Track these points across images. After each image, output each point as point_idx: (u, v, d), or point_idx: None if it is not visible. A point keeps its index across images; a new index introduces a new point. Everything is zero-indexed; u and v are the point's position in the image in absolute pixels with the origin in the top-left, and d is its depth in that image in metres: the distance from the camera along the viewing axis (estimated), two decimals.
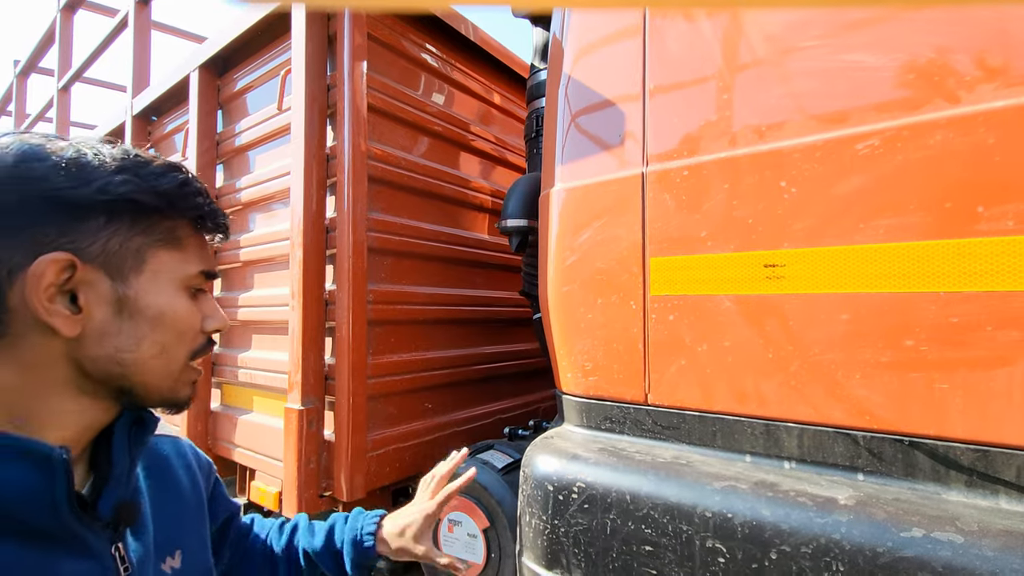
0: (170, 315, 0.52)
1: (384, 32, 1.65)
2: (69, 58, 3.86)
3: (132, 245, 0.50)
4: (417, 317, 1.74)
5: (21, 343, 0.46)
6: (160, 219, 0.52)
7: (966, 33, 0.69)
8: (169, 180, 0.51)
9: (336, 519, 0.84)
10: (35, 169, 0.45)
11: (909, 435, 0.72)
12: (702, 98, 0.92)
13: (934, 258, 0.70)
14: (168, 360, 0.53)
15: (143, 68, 2.73)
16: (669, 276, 0.93)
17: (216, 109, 2.11)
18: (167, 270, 0.53)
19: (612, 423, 1.02)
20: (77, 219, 0.47)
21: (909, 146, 0.71)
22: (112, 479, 0.52)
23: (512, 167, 2.23)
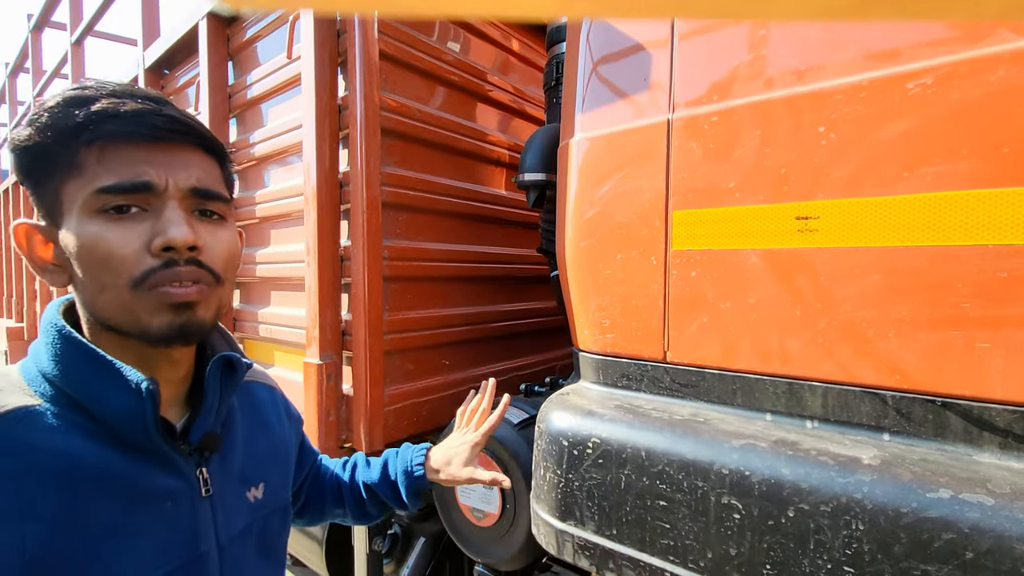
0: (83, 246, 0.50)
1: None
2: (80, 10, 3.80)
3: (50, 188, 0.51)
4: (433, 274, 1.73)
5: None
6: (61, 151, 0.50)
7: None
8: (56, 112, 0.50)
9: (388, 454, 0.94)
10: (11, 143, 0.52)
11: (943, 395, 0.69)
12: (736, 38, 0.85)
13: (985, 208, 0.64)
14: (111, 293, 0.50)
15: (152, 18, 2.67)
16: (693, 230, 0.89)
17: (226, 60, 2.05)
18: (72, 199, 0.50)
19: (629, 380, 1.01)
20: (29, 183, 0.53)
21: (966, 84, 0.65)
22: (203, 412, 0.59)
23: (531, 119, 2.15)
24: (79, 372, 0.52)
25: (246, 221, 2.02)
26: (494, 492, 1.32)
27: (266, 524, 0.68)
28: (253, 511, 0.65)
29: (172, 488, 0.55)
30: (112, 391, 0.51)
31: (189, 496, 0.57)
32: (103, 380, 0.51)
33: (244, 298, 2.07)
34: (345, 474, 0.94)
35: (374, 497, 0.91)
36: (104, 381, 0.51)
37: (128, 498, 0.52)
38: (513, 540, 1.27)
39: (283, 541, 0.73)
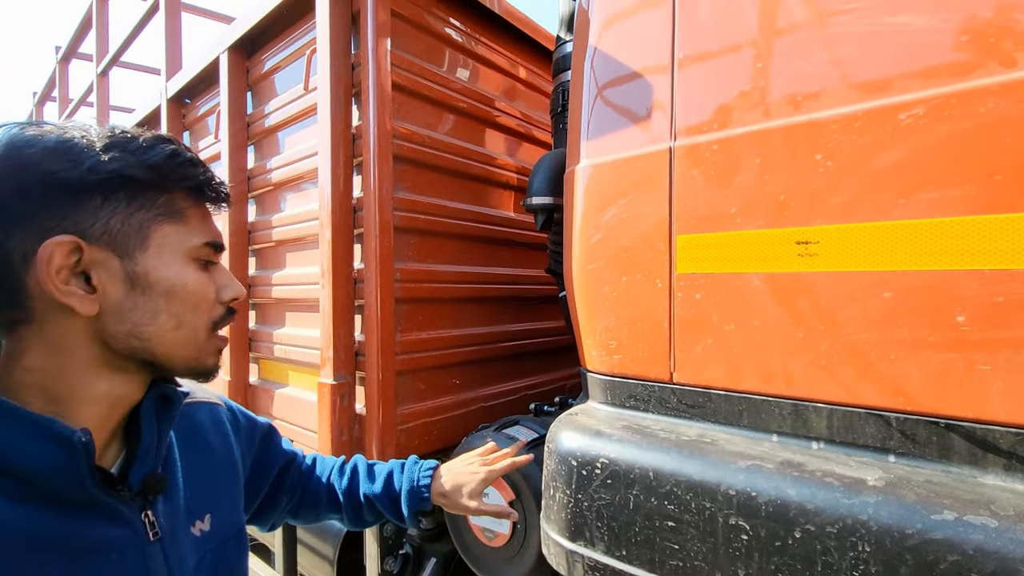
0: (181, 288, 0.54)
1: (407, 7, 1.63)
2: (106, 43, 3.97)
3: (133, 222, 0.51)
4: (444, 295, 1.77)
5: (46, 326, 0.48)
6: (156, 193, 0.53)
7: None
8: (157, 153, 0.51)
9: (393, 466, 0.92)
10: (26, 155, 0.46)
11: (946, 417, 0.70)
12: (734, 68, 0.88)
13: (980, 234, 0.66)
14: (188, 331, 0.55)
15: (175, 51, 2.79)
16: (696, 254, 0.92)
17: (246, 90, 2.14)
18: (171, 243, 0.53)
19: (636, 401, 1.02)
20: (75, 201, 0.48)
21: (957, 115, 0.67)
22: (140, 454, 0.55)
23: (538, 143, 2.20)
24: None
25: (263, 244, 2.08)
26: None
27: (220, 554, 0.65)
28: (202, 544, 0.62)
29: (116, 538, 0.51)
30: (36, 445, 0.46)
31: (136, 543, 0.53)
32: (22, 435, 0.46)
33: (260, 319, 2.12)
34: (343, 478, 0.91)
35: (372, 508, 0.90)
36: (23, 436, 0.46)
37: (69, 558, 0.47)
38: (524, 560, 1.27)
39: (242, 566, 0.69)
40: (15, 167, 0.46)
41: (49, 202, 0.47)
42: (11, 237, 0.46)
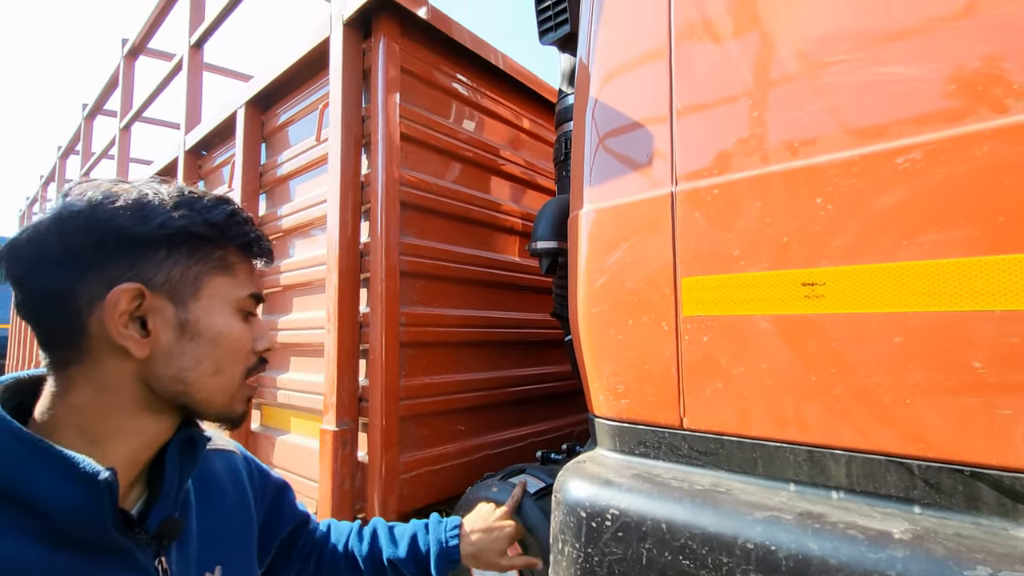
0: (226, 335, 0.58)
1: (416, 64, 1.71)
2: (130, 100, 4.17)
3: (191, 273, 0.56)
4: (449, 339, 1.76)
5: (98, 366, 0.51)
6: (213, 248, 0.58)
7: (1009, 40, 0.67)
8: (219, 212, 0.57)
9: (416, 528, 0.90)
10: (105, 211, 0.51)
11: (969, 464, 0.67)
12: (731, 116, 0.91)
13: (988, 274, 0.66)
14: (225, 378, 0.58)
15: (195, 107, 2.92)
16: (702, 296, 0.91)
17: (260, 142, 2.22)
18: (221, 294, 0.58)
19: (646, 448, 0.99)
20: (143, 253, 0.53)
21: (954, 158, 0.68)
22: (161, 496, 0.56)
23: (542, 190, 2.25)
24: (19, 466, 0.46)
25: (270, 289, 2.10)
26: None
27: None
28: None
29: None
30: (61, 483, 0.46)
31: None
32: (49, 473, 0.46)
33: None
34: (362, 543, 0.88)
35: (397, 572, 0.87)
36: (51, 474, 0.46)
37: None
38: None
39: None
40: (94, 221, 0.50)
41: (121, 253, 0.52)
42: (81, 282, 0.50)
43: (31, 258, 0.50)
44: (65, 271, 0.50)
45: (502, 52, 1.99)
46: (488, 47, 1.92)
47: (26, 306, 0.51)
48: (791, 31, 0.85)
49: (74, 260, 0.50)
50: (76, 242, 0.50)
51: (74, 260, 0.50)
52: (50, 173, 7.29)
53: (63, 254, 0.50)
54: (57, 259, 0.50)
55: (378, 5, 1.58)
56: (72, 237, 0.50)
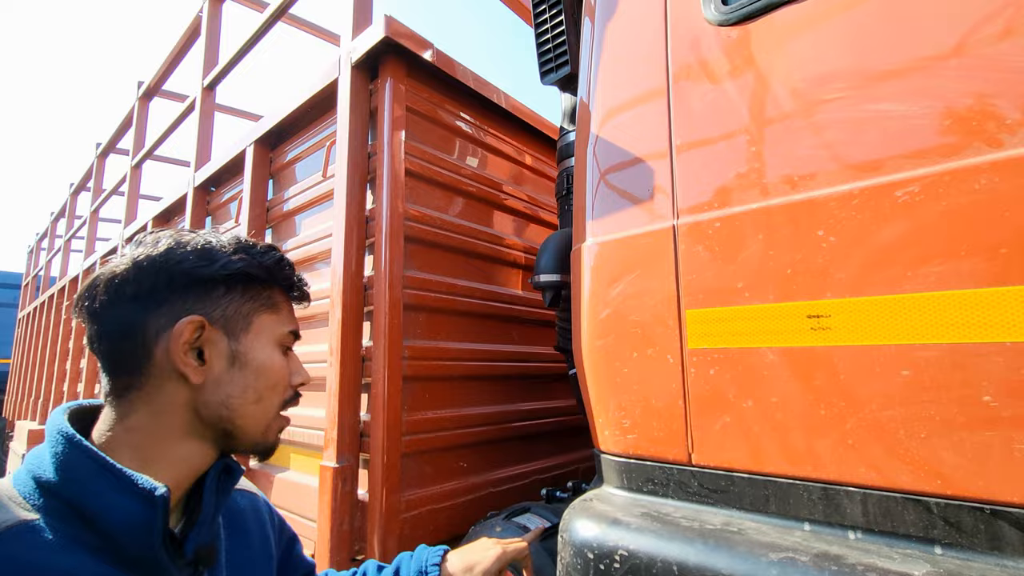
0: (269, 367, 0.64)
1: (422, 104, 1.76)
2: (143, 139, 4.29)
3: (243, 310, 0.63)
4: (452, 373, 1.74)
5: (156, 392, 0.58)
6: (263, 288, 0.65)
7: (999, 78, 0.69)
8: (270, 256, 0.66)
9: (402, 558, 0.91)
10: (178, 255, 0.59)
11: (990, 502, 0.65)
12: (730, 152, 0.93)
13: (995, 306, 0.65)
14: (264, 407, 0.63)
15: (206, 145, 3.00)
16: (707, 328, 0.91)
17: (267, 179, 2.27)
18: (267, 330, 0.65)
19: (655, 485, 0.97)
20: (205, 291, 0.60)
21: (952, 191, 0.69)
22: (199, 522, 0.59)
23: (545, 224, 2.28)
24: (86, 480, 0.52)
25: None
26: None
27: None
28: None
29: None
30: (120, 499, 0.51)
31: None
32: (111, 488, 0.51)
33: None
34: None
35: None
36: (112, 489, 0.51)
37: None
38: None
39: None
40: (168, 263, 0.58)
41: (187, 291, 0.59)
42: (151, 316, 0.58)
43: (109, 295, 0.57)
44: (139, 306, 0.57)
45: (504, 91, 2.05)
46: (490, 87, 1.98)
47: (100, 338, 0.58)
48: (785, 70, 0.88)
49: (147, 296, 0.58)
50: (150, 281, 0.57)
51: (147, 296, 0.58)
52: (61, 209, 7.43)
53: (138, 291, 0.57)
54: (132, 296, 0.57)
55: (385, 48, 1.64)
56: (148, 277, 0.57)
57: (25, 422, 6.42)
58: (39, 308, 6.99)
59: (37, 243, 8.99)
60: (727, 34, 0.95)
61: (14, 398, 7.98)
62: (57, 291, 6.01)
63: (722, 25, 0.96)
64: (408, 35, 1.65)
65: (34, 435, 5.50)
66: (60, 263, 6.65)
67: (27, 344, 7.54)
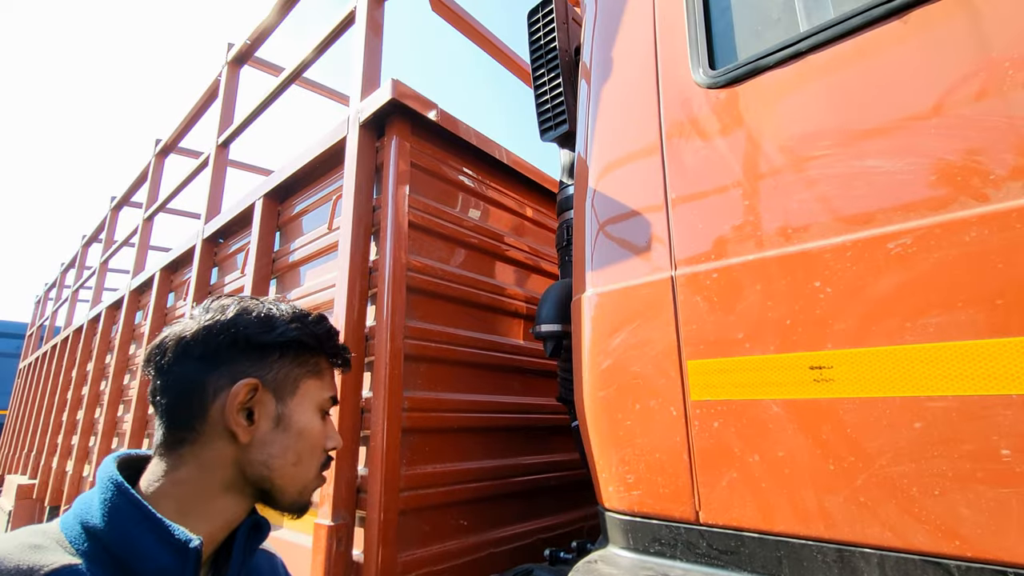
0: (309, 430, 0.67)
1: (425, 160, 1.83)
2: (156, 193, 4.43)
3: (292, 375, 0.67)
4: (452, 425, 1.71)
5: (206, 447, 0.61)
6: (311, 355, 0.69)
7: (981, 136, 0.71)
8: (322, 327, 0.70)
9: None
10: (244, 321, 0.64)
11: (1012, 565, 0.62)
12: (724, 205, 0.95)
13: (1001, 357, 0.65)
14: (302, 468, 0.66)
15: (216, 199, 3.10)
16: (709, 379, 0.90)
17: (275, 231, 2.33)
18: (311, 394, 0.69)
19: (662, 545, 0.92)
20: (262, 355, 0.65)
21: (944, 244, 0.70)
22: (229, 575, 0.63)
23: (546, 274, 2.30)
24: (127, 527, 0.55)
25: None
26: None
27: None
28: None
29: None
30: (157, 548, 0.55)
31: None
32: (151, 536, 0.55)
33: None
34: None
35: None
36: (151, 537, 0.55)
37: None
38: None
39: None
40: (234, 328, 0.63)
41: (246, 354, 0.64)
42: (212, 375, 0.62)
43: (177, 353, 0.62)
44: (202, 365, 0.62)
45: (505, 148, 2.13)
46: (492, 143, 2.06)
47: (163, 391, 0.62)
48: (773, 129, 0.92)
49: (212, 356, 0.62)
50: (215, 343, 0.62)
51: (212, 356, 0.62)
52: (71, 260, 7.56)
53: (204, 352, 0.62)
54: (199, 356, 0.62)
55: (392, 109, 1.73)
56: (214, 339, 0.62)
57: (15, 476, 6.25)
58: (41, 358, 6.97)
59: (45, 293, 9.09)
60: (716, 96, 1.00)
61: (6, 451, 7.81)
62: (60, 341, 6.01)
63: (711, 88, 1.01)
64: (413, 96, 1.74)
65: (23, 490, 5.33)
66: (66, 313, 6.69)
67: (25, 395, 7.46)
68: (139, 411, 3.20)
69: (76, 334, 5.38)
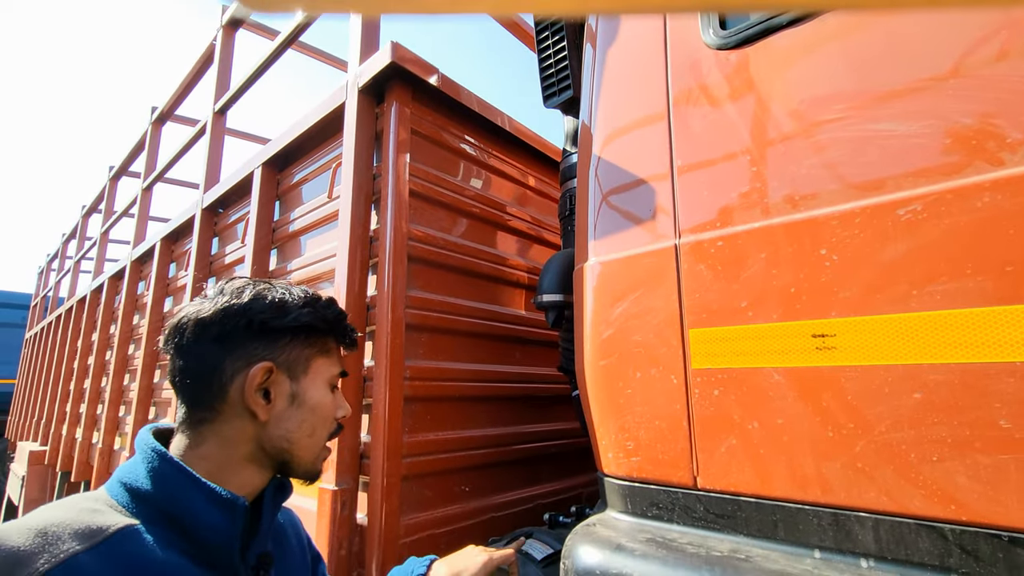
0: (321, 405, 0.71)
1: (426, 127, 1.79)
2: (154, 162, 4.37)
3: (303, 355, 0.70)
4: (454, 394, 1.73)
5: (226, 425, 0.65)
6: (320, 336, 0.73)
7: (999, 98, 0.69)
8: (332, 311, 0.74)
9: (394, 570, 0.94)
10: (258, 306, 0.67)
11: (1007, 529, 0.63)
12: (731, 173, 0.93)
13: (1005, 325, 0.64)
14: (316, 439, 0.71)
15: (215, 168, 3.05)
16: (711, 348, 0.90)
17: (274, 200, 2.30)
18: (322, 372, 0.72)
19: (659, 509, 0.94)
20: (275, 338, 0.68)
21: (955, 210, 0.69)
22: (260, 532, 0.67)
23: (548, 244, 2.29)
24: (177, 491, 0.60)
25: None
26: None
27: None
28: None
29: None
30: (207, 507, 0.60)
31: None
32: (200, 497, 0.60)
33: None
34: None
35: None
36: (201, 498, 0.60)
37: None
38: None
39: None
40: (250, 312, 0.66)
41: (261, 337, 0.67)
42: (229, 358, 0.65)
43: (196, 332, 0.65)
44: (219, 347, 0.65)
45: (508, 115, 2.08)
46: (494, 110, 2.01)
47: (184, 372, 0.65)
48: (784, 92, 0.89)
49: (228, 339, 0.65)
50: (232, 326, 0.65)
51: (228, 339, 0.65)
52: (72, 231, 7.54)
53: (221, 334, 0.65)
54: (215, 337, 0.65)
55: (391, 73, 1.68)
56: (230, 322, 0.65)
57: (27, 443, 6.39)
58: (46, 328, 7.04)
59: (48, 264, 9.10)
60: (726, 58, 0.97)
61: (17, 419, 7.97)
62: (64, 312, 6.05)
63: (721, 49, 0.97)
64: (414, 60, 1.69)
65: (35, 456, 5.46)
66: (69, 284, 6.72)
67: (33, 364, 7.56)
68: (144, 380, 3.24)
69: (80, 305, 5.41)
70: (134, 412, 3.20)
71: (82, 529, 0.54)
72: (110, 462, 3.69)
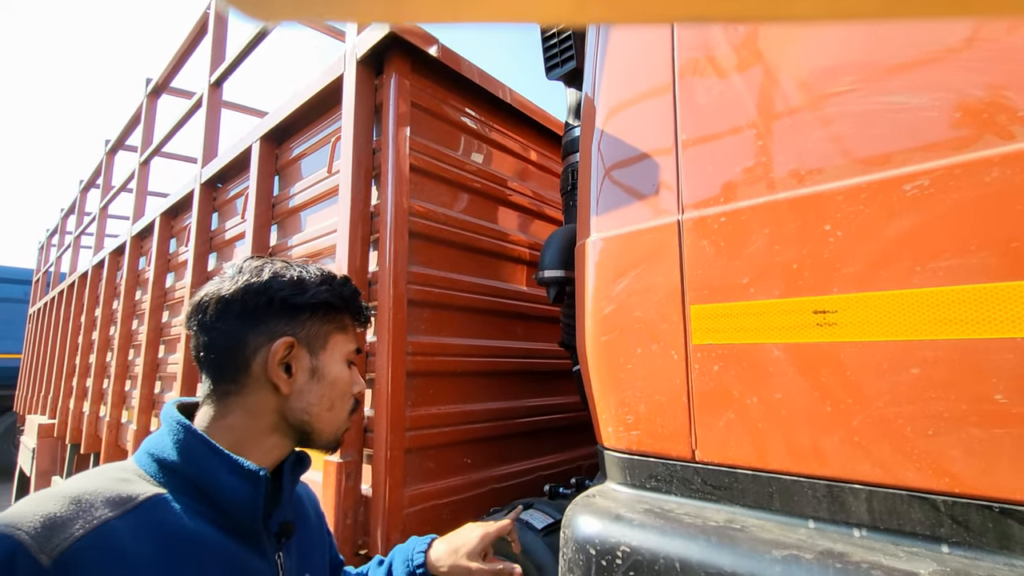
0: (340, 379, 0.74)
1: (426, 99, 1.76)
2: (151, 136, 4.31)
3: (322, 331, 0.73)
4: (456, 369, 1.74)
5: (250, 398, 0.68)
6: (338, 313, 0.75)
7: (1010, 70, 0.67)
8: (348, 288, 0.77)
9: (396, 549, 0.98)
10: (277, 283, 0.69)
11: (998, 500, 0.64)
12: (736, 147, 0.92)
13: (1006, 301, 0.64)
14: (336, 413, 0.74)
15: (212, 142, 3.01)
16: (711, 324, 0.90)
17: (273, 175, 2.28)
18: (339, 348, 0.75)
19: (658, 481, 0.96)
20: (295, 315, 0.70)
21: (963, 185, 0.68)
22: (282, 502, 0.71)
23: (550, 220, 2.27)
24: (203, 462, 0.63)
25: None
26: None
27: None
28: None
29: (261, 569, 0.66)
30: (231, 478, 0.63)
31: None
32: (223, 469, 0.63)
33: None
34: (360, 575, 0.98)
35: None
36: (225, 469, 0.63)
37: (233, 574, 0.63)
38: None
39: None
40: (270, 290, 0.69)
41: (282, 314, 0.69)
42: (251, 333, 0.68)
43: (218, 311, 0.67)
44: (242, 323, 0.67)
45: (509, 87, 2.04)
46: (496, 82, 1.97)
47: (207, 347, 0.68)
48: (793, 64, 0.87)
49: (250, 315, 0.68)
50: (253, 303, 0.68)
51: (250, 315, 0.68)
52: (71, 206, 7.50)
53: (243, 311, 0.67)
54: (238, 313, 0.67)
55: (391, 44, 1.64)
56: (252, 299, 0.68)
57: (36, 416, 6.50)
58: (50, 303, 7.07)
59: (48, 239, 9.09)
60: (734, 28, 0.94)
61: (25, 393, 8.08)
62: (67, 287, 6.07)
63: None
64: (413, 31, 1.65)
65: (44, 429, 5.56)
66: (70, 259, 6.72)
67: (38, 339, 7.63)
68: (149, 355, 3.28)
69: (82, 280, 5.42)
70: (140, 386, 3.24)
71: (113, 497, 0.57)
72: (118, 435, 3.76)
